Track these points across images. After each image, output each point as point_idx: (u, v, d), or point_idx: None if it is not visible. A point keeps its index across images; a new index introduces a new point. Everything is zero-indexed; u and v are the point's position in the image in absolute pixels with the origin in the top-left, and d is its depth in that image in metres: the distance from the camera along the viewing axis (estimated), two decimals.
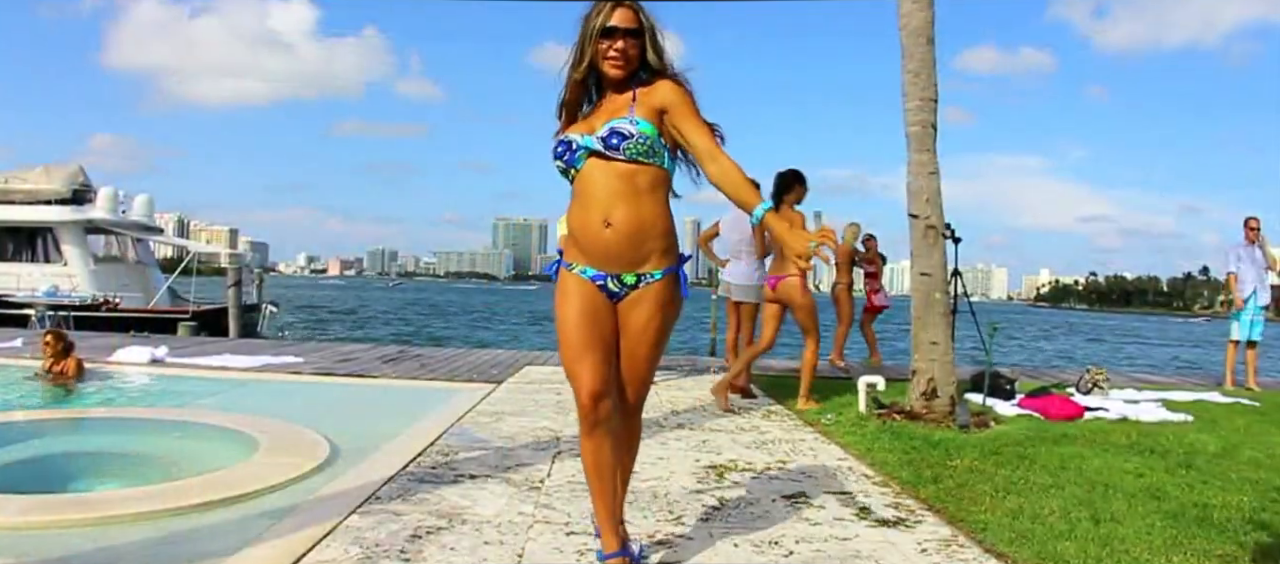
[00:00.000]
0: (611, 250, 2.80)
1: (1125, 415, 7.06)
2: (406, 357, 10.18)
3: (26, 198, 23.62)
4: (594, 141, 2.80)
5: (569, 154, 2.83)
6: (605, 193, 2.78)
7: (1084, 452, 5.49)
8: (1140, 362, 32.52)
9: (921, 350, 6.57)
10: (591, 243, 2.82)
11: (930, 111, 6.61)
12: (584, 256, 2.86)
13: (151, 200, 26.63)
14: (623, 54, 2.80)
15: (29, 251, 23.78)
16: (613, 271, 2.84)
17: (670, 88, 2.83)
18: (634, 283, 2.86)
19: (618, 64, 2.81)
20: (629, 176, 2.78)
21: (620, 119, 2.78)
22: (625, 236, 2.79)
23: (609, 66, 2.82)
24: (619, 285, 2.86)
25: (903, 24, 6.69)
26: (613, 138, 2.77)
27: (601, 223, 2.77)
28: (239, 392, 7.83)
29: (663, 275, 2.88)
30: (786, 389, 7.90)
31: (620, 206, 2.77)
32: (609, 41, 2.80)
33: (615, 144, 2.77)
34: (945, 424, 6.18)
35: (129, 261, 25.34)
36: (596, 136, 2.80)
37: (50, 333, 8.13)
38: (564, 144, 2.85)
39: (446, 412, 6.22)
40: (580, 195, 2.84)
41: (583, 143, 2.82)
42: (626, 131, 2.75)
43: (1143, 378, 11.16)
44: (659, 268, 2.87)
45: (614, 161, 2.78)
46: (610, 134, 2.77)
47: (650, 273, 2.86)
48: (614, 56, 2.80)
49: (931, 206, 6.59)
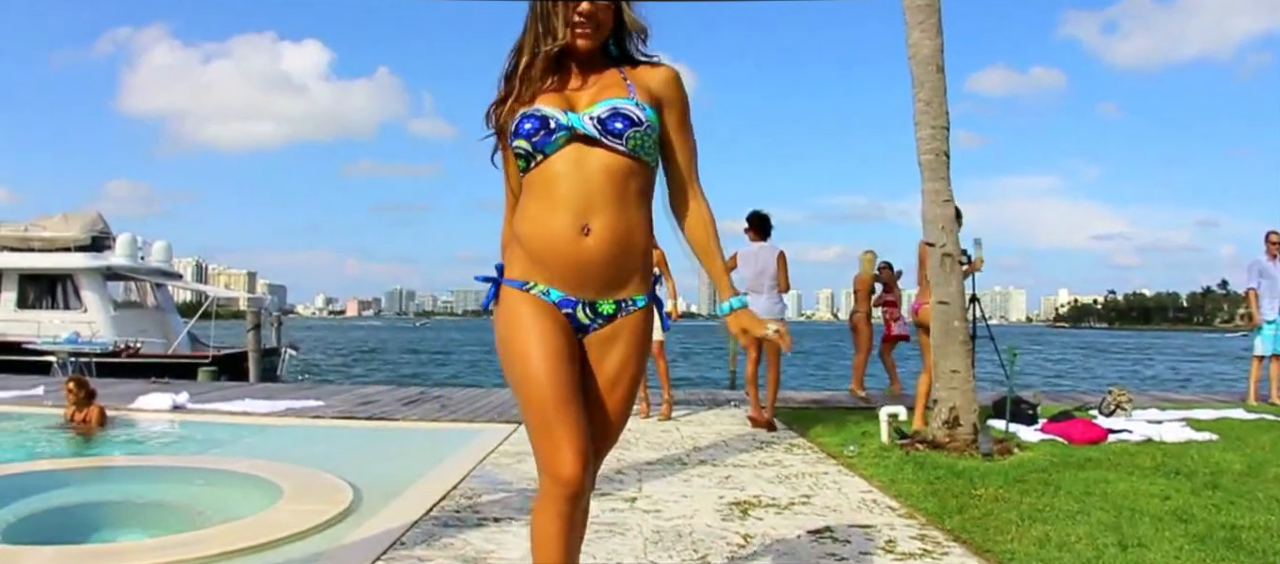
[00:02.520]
0: (589, 268, 2.18)
1: (1149, 437, 7.02)
2: (426, 398, 10.20)
3: (46, 245, 23.84)
4: (584, 122, 2.16)
5: (543, 135, 2.16)
6: (585, 191, 2.15)
7: (1109, 476, 5.45)
8: (1169, 381, 32.25)
9: (942, 379, 6.55)
10: (559, 256, 2.17)
11: (943, 139, 6.62)
12: (544, 272, 2.20)
13: (170, 246, 26.83)
14: (591, 19, 2.22)
15: (49, 299, 23.94)
16: (586, 297, 2.21)
17: (670, 79, 2.31)
18: (611, 313, 2.25)
19: (585, 31, 2.22)
20: (622, 175, 2.17)
21: (623, 99, 2.19)
22: (608, 251, 2.17)
23: (577, 37, 2.22)
24: (591, 315, 2.24)
25: (912, 53, 6.72)
26: (615, 120, 2.16)
27: (576, 229, 2.14)
28: (261, 437, 7.86)
29: (645, 303, 2.30)
30: (808, 421, 7.88)
31: (605, 211, 2.15)
32: (574, 3, 2.22)
33: (619, 129, 2.15)
34: (969, 452, 6.15)
35: (149, 307, 25.50)
36: (589, 116, 2.17)
37: (72, 380, 8.20)
38: (535, 120, 2.17)
39: (468, 453, 6.22)
40: (545, 191, 2.17)
41: (566, 121, 2.17)
42: (634, 116, 2.17)
43: (1166, 396, 11.09)
44: (641, 292, 2.28)
45: (608, 151, 2.16)
46: (613, 115, 2.17)
47: (632, 299, 2.27)
48: (581, 22, 2.21)
49: (947, 234, 6.59)
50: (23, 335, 21.63)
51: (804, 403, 9.68)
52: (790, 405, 9.21)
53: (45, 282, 23.98)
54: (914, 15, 6.71)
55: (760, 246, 7.82)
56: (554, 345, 2.17)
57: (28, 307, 23.56)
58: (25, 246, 23.91)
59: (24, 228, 24.41)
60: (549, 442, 2.11)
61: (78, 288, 23.48)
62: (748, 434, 7.31)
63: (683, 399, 9.91)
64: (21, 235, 24.12)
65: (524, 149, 2.18)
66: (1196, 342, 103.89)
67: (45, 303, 23.85)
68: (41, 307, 23.69)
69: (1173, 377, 35.89)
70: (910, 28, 6.73)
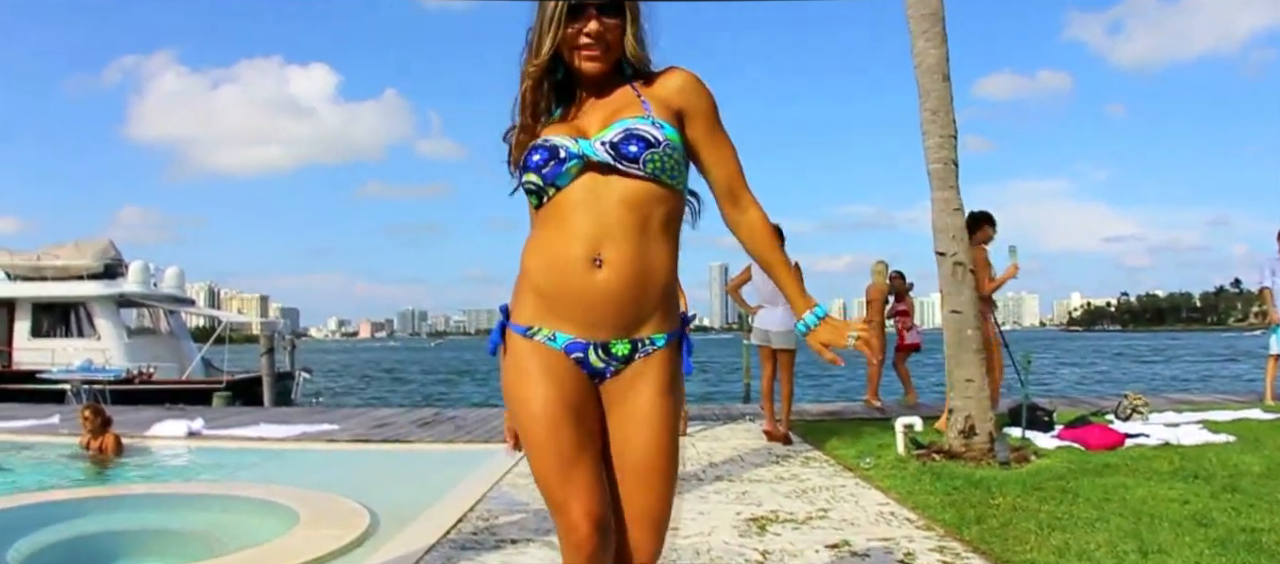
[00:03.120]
0: (601, 305, 1.93)
1: (1167, 440, 6.99)
2: (441, 419, 10.20)
3: (59, 274, 23.99)
4: (596, 148, 1.94)
5: (554, 165, 1.95)
6: (599, 221, 1.93)
7: (1127, 481, 5.42)
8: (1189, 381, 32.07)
9: (957, 388, 6.52)
10: (568, 292, 1.94)
11: (950, 148, 6.61)
12: (551, 314, 1.97)
13: (182, 272, 26.97)
14: (598, 39, 1.98)
15: (63, 327, 24.09)
16: (598, 338, 1.96)
17: (687, 85, 2.05)
18: (627, 355, 1.98)
19: (593, 54, 1.99)
20: (640, 202, 1.94)
21: (638, 119, 1.96)
22: (624, 285, 1.93)
23: (583, 60, 2.00)
24: (605, 358, 1.97)
25: (917, 63, 6.72)
26: (630, 143, 1.93)
27: (587, 261, 1.91)
28: (277, 462, 7.88)
29: (667, 342, 2.02)
30: (824, 434, 7.86)
31: (620, 242, 1.92)
32: (578, 23, 1.98)
33: (634, 153, 1.92)
34: (985, 461, 6.12)
35: (162, 333, 25.62)
36: (601, 141, 1.95)
37: (88, 407, 8.23)
38: (544, 152, 1.96)
39: (484, 474, 6.22)
40: (556, 222, 1.96)
41: (576, 150, 1.95)
42: (650, 137, 1.93)
43: (1183, 398, 11.02)
44: (662, 331, 2.01)
45: (624, 178, 1.94)
46: (626, 138, 1.93)
47: (650, 339, 1.99)
48: (588, 44, 1.98)
49: (958, 243, 6.58)
50: (37, 364, 21.76)
51: (819, 415, 9.66)
52: (805, 418, 9.19)
53: (59, 310, 24.12)
54: (918, 24, 6.71)
55: None
56: (563, 395, 1.94)
57: (42, 335, 23.71)
58: (38, 276, 24.08)
59: (36, 257, 24.58)
60: (555, 502, 1.92)
61: (91, 316, 23.61)
62: (764, 448, 7.29)
63: (697, 414, 9.89)
64: (34, 264, 24.28)
65: (534, 183, 1.97)
66: (1212, 341, 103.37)
67: (59, 331, 23.99)
68: (55, 335, 23.84)
69: (1189, 377, 35.70)
70: (915, 37, 6.73)
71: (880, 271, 11.19)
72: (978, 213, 7.66)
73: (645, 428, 1.99)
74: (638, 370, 1.99)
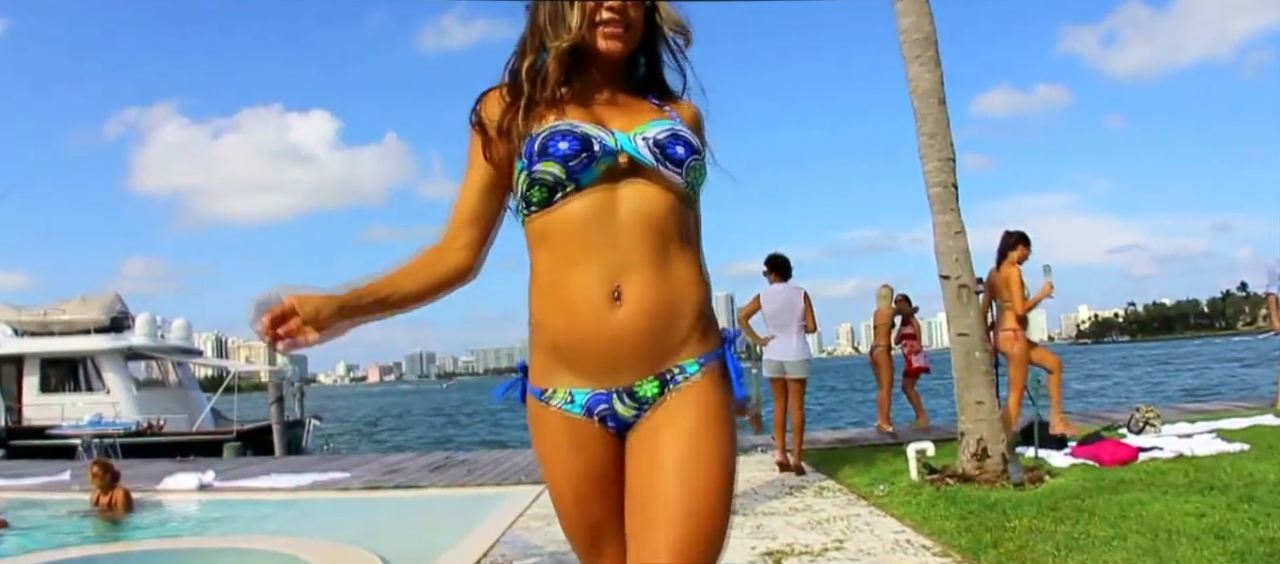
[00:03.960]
0: (621, 348, 1.65)
1: (1180, 452, 6.94)
2: (453, 463, 10.17)
3: (66, 328, 24.03)
4: (637, 145, 1.67)
5: (584, 159, 1.64)
6: (614, 244, 1.64)
7: (1143, 497, 5.39)
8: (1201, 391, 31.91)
9: (967, 411, 6.50)
10: (583, 339, 1.65)
11: (949, 171, 6.63)
12: (566, 369, 1.69)
13: (189, 323, 27.01)
14: (621, 15, 1.71)
15: (71, 382, 24.10)
16: (620, 385, 1.67)
17: (701, 120, 1.85)
18: (655, 395, 1.67)
19: (615, 30, 1.71)
20: (662, 218, 1.67)
21: (676, 123, 1.74)
22: (647, 321, 1.64)
23: (604, 38, 1.72)
24: (631, 404, 1.68)
25: (912, 87, 6.75)
26: (677, 144, 1.68)
27: (605, 299, 1.63)
28: (289, 512, 7.86)
29: (704, 365, 1.69)
30: (836, 462, 7.83)
31: (642, 270, 1.64)
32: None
33: (681, 156, 1.68)
34: (1000, 483, 6.09)
35: (171, 385, 25.61)
36: (641, 137, 1.68)
37: (97, 463, 8.23)
38: (572, 139, 1.64)
39: (497, 519, 6.20)
40: (562, 244, 1.67)
41: (612, 144, 1.67)
42: (693, 142, 1.71)
43: (1197, 408, 10.97)
44: (697, 355, 1.69)
45: (651, 187, 1.67)
46: (672, 138, 1.69)
47: (681, 367, 1.68)
48: (611, 19, 1.71)
49: (961, 266, 6.57)
50: (47, 420, 21.75)
51: (831, 443, 9.62)
52: (817, 447, 9.15)
53: (67, 365, 24.15)
54: (911, 49, 6.74)
55: (786, 287, 7.78)
56: (582, 473, 1.73)
57: (50, 390, 23.71)
58: (45, 331, 24.12)
59: (43, 312, 24.64)
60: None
61: (99, 369, 23.63)
62: (777, 480, 7.26)
63: None
64: (41, 320, 24.34)
65: (552, 176, 1.64)
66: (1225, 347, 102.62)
67: (68, 386, 24.01)
68: (64, 390, 23.85)
69: (1200, 385, 35.51)
70: (909, 62, 6.76)
71: (885, 296, 11.16)
72: (1013, 233, 7.74)
73: (681, 473, 1.62)
74: (670, 408, 1.67)
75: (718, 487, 1.64)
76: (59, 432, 20.31)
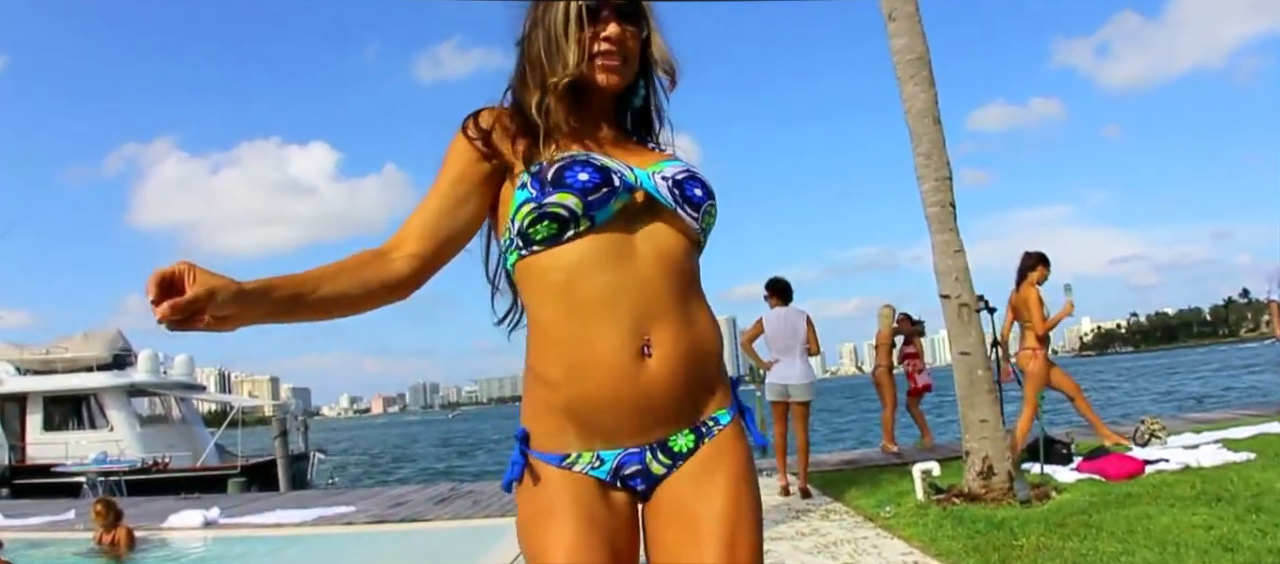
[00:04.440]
0: (657, 403, 1.51)
1: (1187, 463, 6.93)
2: (458, 494, 10.14)
3: (68, 366, 24.04)
4: (656, 183, 1.57)
5: (604, 194, 1.50)
6: (638, 291, 1.50)
7: (1150, 510, 5.38)
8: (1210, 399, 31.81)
9: (971, 430, 6.49)
10: (614, 400, 1.49)
11: (946, 190, 6.65)
12: (593, 433, 1.51)
13: (191, 358, 27.01)
14: (620, 46, 1.60)
15: (75, 419, 24.10)
16: (652, 440, 1.53)
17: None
18: (691, 448, 1.55)
19: (612, 63, 1.60)
20: (680, 260, 1.56)
21: (693, 165, 1.65)
22: (679, 371, 1.52)
23: (601, 72, 1.60)
24: (666, 460, 1.54)
25: (907, 107, 6.77)
26: (695, 185, 1.60)
27: (634, 351, 1.48)
28: (295, 548, 7.84)
29: (732, 417, 1.60)
30: (843, 484, 7.80)
31: (669, 317, 1.51)
32: (593, 28, 1.59)
33: (700, 198, 1.59)
34: (1006, 501, 6.08)
35: (174, 420, 25.59)
36: (661, 176, 1.58)
37: (100, 501, 8.22)
38: (594, 172, 1.51)
39: (503, 551, 6.17)
40: (572, 291, 1.51)
41: (632, 180, 1.55)
42: (709, 184, 1.62)
43: (1203, 418, 10.94)
44: (726, 405, 1.60)
45: (668, 229, 1.56)
46: (691, 178, 1.60)
47: (715, 417, 1.58)
48: (609, 51, 1.59)
49: (961, 285, 6.58)
50: (51, 458, 21.73)
51: (837, 465, 9.59)
52: (823, 469, 9.12)
53: (70, 402, 24.15)
54: (905, 69, 6.78)
55: (788, 310, 7.79)
56: (598, 546, 1.48)
57: (54, 429, 23.71)
58: (48, 369, 24.13)
59: (46, 350, 24.66)
60: None
61: (103, 407, 23.62)
62: (782, 504, 7.23)
63: None
64: (44, 358, 24.35)
65: (567, 210, 1.48)
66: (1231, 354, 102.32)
67: (71, 423, 24.01)
68: (68, 427, 23.84)
69: (1206, 392, 35.41)
70: (903, 82, 6.79)
71: (886, 316, 11.15)
72: (1032, 254, 7.81)
73: (735, 527, 1.53)
74: (706, 463, 1.55)
75: (757, 552, 1.57)
76: (64, 469, 20.29)
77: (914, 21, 6.76)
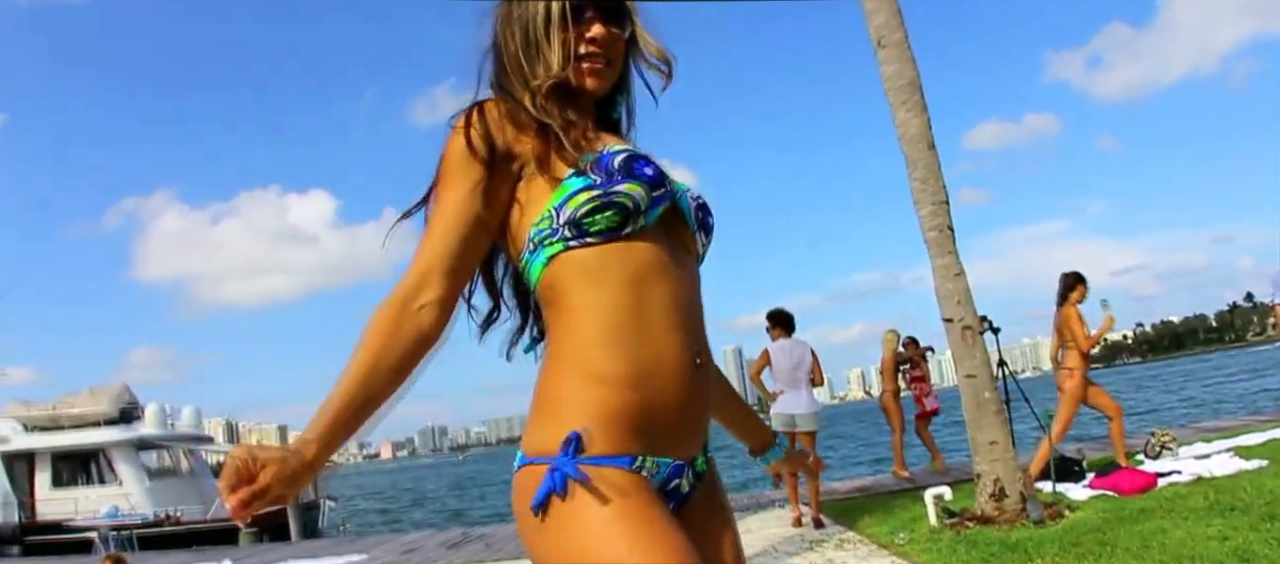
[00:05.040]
0: (702, 417, 1.48)
1: (1199, 474, 6.93)
2: (469, 539, 10.11)
3: (76, 422, 24.01)
4: (689, 200, 1.53)
5: (660, 195, 1.43)
6: (688, 301, 1.46)
7: (1164, 524, 5.37)
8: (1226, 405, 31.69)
9: (981, 452, 6.48)
10: (676, 401, 1.39)
11: (944, 214, 6.67)
12: (643, 432, 1.36)
13: (198, 410, 27.01)
14: (606, 48, 1.52)
15: (84, 475, 24.03)
16: (693, 455, 1.47)
17: None
18: (703, 472, 1.52)
19: (597, 65, 1.52)
20: (698, 283, 1.52)
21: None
22: (714, 391, 1.55)
23: (588, 76, 1.52)
24: (693, 480, 1.49)
25: (901, 133, 6.81)
26: (709, 214, 1.57)
27: (692, 357, 1.42)
28: None
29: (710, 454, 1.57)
30: (856, 512, 7.78)
31: (702, 333, 1.48)
32: (577, 29, 1.50)
33: (711, 226, 1.57)
34: (1020, 522, 6.06)
35: (183, 473, 25.52)
36: (689, 193, 1.54)
37: (110, 557, 8.20)
38: (655, 169, 1.44)
39: None
40: (641, 285, 1.39)
41: (682, 195, 1.51)
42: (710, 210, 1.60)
43: (1211, 426, 10.92)
44: (709, 439, 1.56)
45: (691, 248, 1.52)
46: (706, 206, 1.57)
47: (706, 445, 1.54)
48: (594, 53, 1.51)
49: (963, 307, 6.59)
50: (61, 515, 21.67)
51: (849, 493, 9.57)
52: (835, 497, 9.10)
53: (78, 459, 24.09)
54: (897, 96, 6.82)
55: (792, 342, 7.84)
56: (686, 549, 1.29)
57: (63, 485, 23.64)
58: (55, 425, 24.12)
59: (53, 407, 24.64)
60: None
61: (111, 462, 23.56)
62: (795, 536, 7.20)
63: None
64: (51, 414, 24.34)
65: (634, 202, 1.38)
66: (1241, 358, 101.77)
67: (80, 479, 23.93)
68: (77, 484, 23.77)
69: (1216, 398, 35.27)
70: (895, 108, 6.83)
71: (889, 341, 11.12)
72: (1070, 274, 7.82)
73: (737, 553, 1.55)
74: (711, 491, 1.54)
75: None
76: (76, 526, 20.24)
77: (903, 48, 6.82)
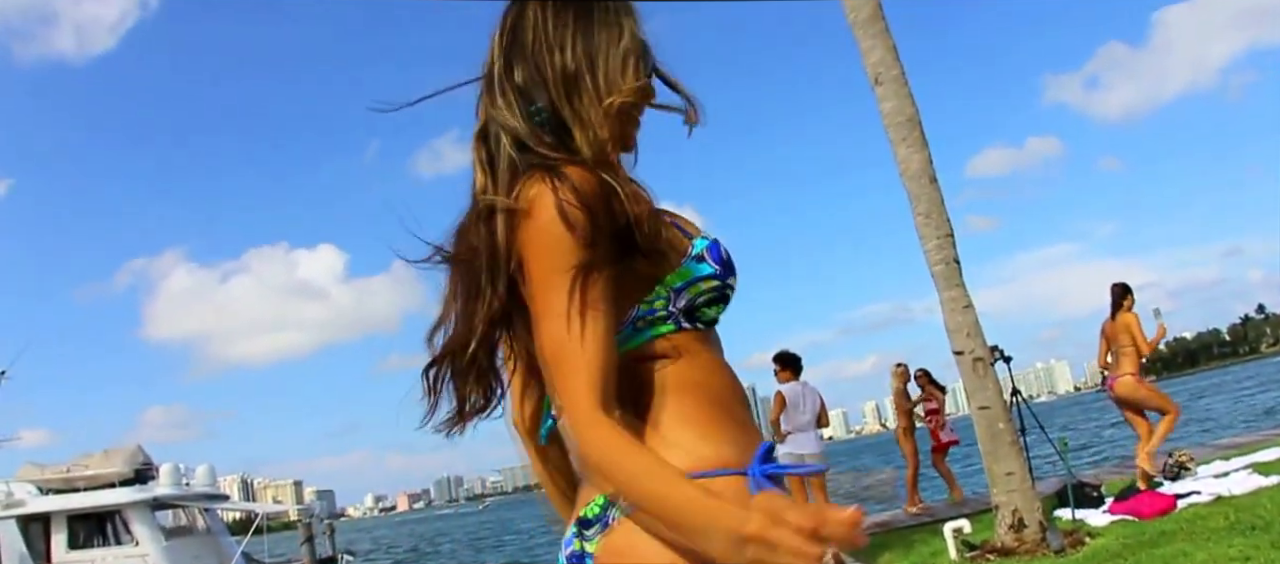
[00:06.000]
0: None
1: (1218, 493, 6.90)
2: None
3: (90, 483, 23.93)
4: None
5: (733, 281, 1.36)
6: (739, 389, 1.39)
7: (1186, 547, 5.34)
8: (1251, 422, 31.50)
9: (998, 483, 6.46)
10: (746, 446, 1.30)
11: (949, 247, 6.70)
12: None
13: (212, 468, 26.89)
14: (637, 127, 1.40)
15: (99, 537, 23.91)
16: None
17: None
18: None
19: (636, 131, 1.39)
20: None
21: None
22: None
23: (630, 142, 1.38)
24: None
25: (902, 169, 6.84)
26: None
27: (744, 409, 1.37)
28: None
29: None
30: (874, 549, 7.74)
31: None
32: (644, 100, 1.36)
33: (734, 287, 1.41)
34: (1040, 552, 6.04)
35: (199, 531, 25.42)
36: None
37: None
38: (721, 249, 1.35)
39: None
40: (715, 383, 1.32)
41: None
42: None
43: (1229, 443, 10.86)
44: None
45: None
46: None
47: None
48: (640, 110, 1.37)
49: (973, 339, 6.60)
50: None
51: (868, 529, 9.45)
52: None
53: (93, 520, 24.00)
54: (897, 132, 6.86)
55: (803, 386, 8.01)
56: None
57: (79, 547, 23.54)
58: (70, 487, 24.04)
59: (67, 469, 24.59)
60: None
61: (127, 522, 23.46)
62: None
63: None
64: (66, 476, 24.29)
65: (720, 287, 1.33)
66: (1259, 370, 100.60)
67: (96, 541, 23.84)
68: (93, 545, 23.67)
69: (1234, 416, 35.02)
70: (896, 145, 6.86)
71: (899, 375, 11.09)
72: (1119, 284, 7.93)
73: None
74: None
75: None
76: None
77: (901, 84, 6.87)
